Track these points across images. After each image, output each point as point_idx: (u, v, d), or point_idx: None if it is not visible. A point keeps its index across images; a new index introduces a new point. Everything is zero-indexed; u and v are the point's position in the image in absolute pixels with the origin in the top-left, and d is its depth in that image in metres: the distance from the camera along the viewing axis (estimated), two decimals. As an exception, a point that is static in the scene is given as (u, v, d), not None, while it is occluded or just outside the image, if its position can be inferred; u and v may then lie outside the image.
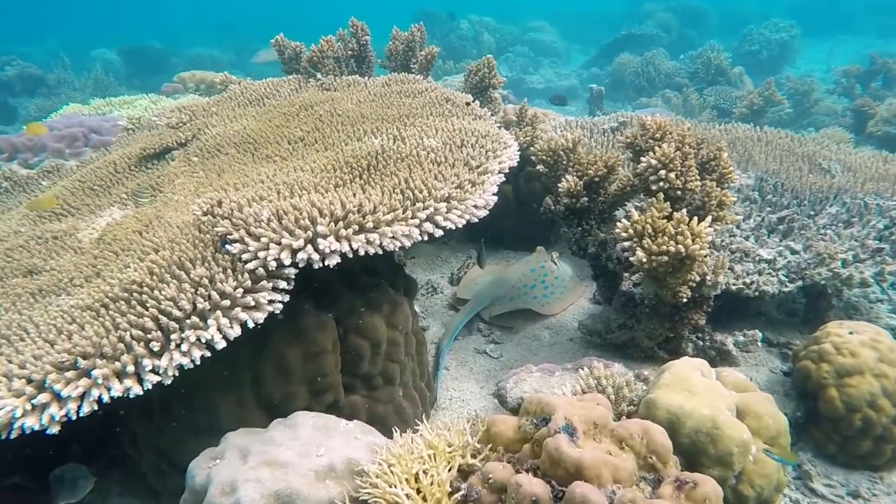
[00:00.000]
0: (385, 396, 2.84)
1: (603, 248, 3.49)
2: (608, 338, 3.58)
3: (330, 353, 2.61)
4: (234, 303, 2.17)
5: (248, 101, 4.58)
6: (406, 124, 3.51)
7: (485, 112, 4.01)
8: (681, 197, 2.98)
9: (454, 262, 5.15)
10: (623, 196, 3.52)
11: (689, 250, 2.57)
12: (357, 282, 2.78)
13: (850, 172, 4.27)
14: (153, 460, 2.59)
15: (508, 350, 3.98)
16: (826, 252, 3.50)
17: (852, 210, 3.94)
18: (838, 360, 3.02)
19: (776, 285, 3.44)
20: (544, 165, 3.68)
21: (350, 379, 2.77)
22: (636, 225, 2.77)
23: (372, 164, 2.93)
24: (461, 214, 2.61)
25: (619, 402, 2.36)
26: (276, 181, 2.88)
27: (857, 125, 8.06)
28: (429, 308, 4.51)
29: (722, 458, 2.10)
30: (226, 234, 2.37)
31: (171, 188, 3.47)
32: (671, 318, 3.16)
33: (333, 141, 3.42)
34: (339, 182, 2.77)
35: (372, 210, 2.42)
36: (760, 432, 2.21)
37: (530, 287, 4.41)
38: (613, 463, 1.68)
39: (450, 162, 2.96)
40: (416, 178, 2.71)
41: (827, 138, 5.39)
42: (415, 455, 1.89)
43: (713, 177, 3.06)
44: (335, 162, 3.02)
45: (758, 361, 3.64)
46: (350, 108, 3.92)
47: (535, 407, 1.93)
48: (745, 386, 2.38)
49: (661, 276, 2.83)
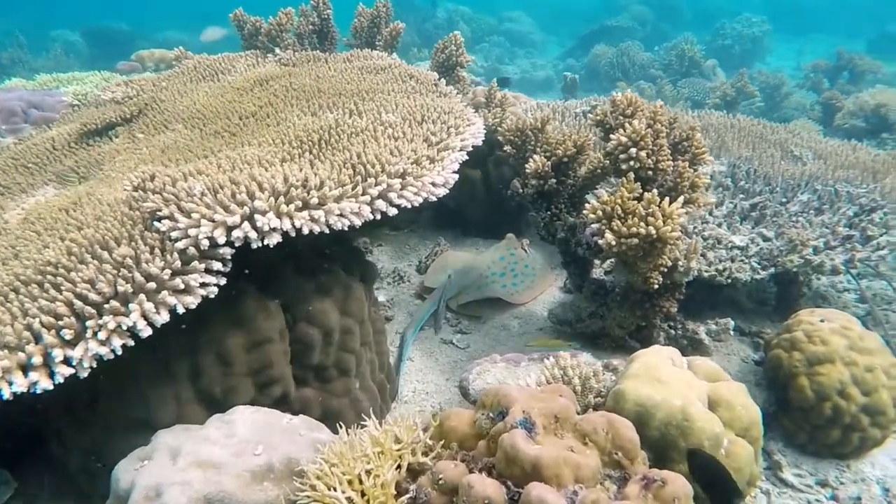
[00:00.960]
0: (340, 389, 2.64)
1: (572, 233, 3.33)
2: (578, 327, 3.43)
3: (277, 342, 2.41)
4: (162, 286, 1.95)
5: (202, 77, 4.32)
6: (364, 99, 3.30)
7: (451, 90, 3.81)
8: (652, 177, 2.84)
9: (422, 249, 4.96)
10: (594, 179, 3.37)
11: (660, 232, 2.42)
12: (307, 265, 2.57)
13: (820, 160, 4.19)
14: (81, 460, 2.36)
15: (476, 340, 3.81)
16: (798, 239, 3.39)
17: (823, 197, 3.85)
18: (809, 349, 2.92)
19: (749, 272, 3.33)
20: (511, 146, 3.51)
21: (301, 370, 2.57)
22: (605, 206, 2.61)
23: (324, 138, 2.72)
24: (417, 192, 2.42)
25: (585, 393, 2.20)
26: (220, 156, 2.65)
27: (826, 118, 8.07)
28: (395, 297, 4.32)
29: (693, 453, 1.96)
30: (155, 211, 2.15)
31: (112, 166, 3.21)
32: (642, 306, 3.02)
33: (286, 116, 3.19)
34: (287, 157, 2.55)
35: (318, 185, 2.22)
36: (733, 423, 2.08)
37: (499, 275, 4.24)
38: (575, 460, 1.52)
39: (408, 137, 2.77)
40: (369, 152, 2.51)
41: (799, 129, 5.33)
42: (358, 453, 1.70)
43: (685, 158, 2.92)
44: (284, 136, 2.80)
45: (730, 350, 3.53)
46: (307, 83, 3.69)
47: (491, 399, 1.75)
48: (717, 375, 2.24)
49: (631, 260, 2.68)
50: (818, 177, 3.91)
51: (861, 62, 9.69)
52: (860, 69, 9.69)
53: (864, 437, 2.72)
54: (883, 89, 7.22)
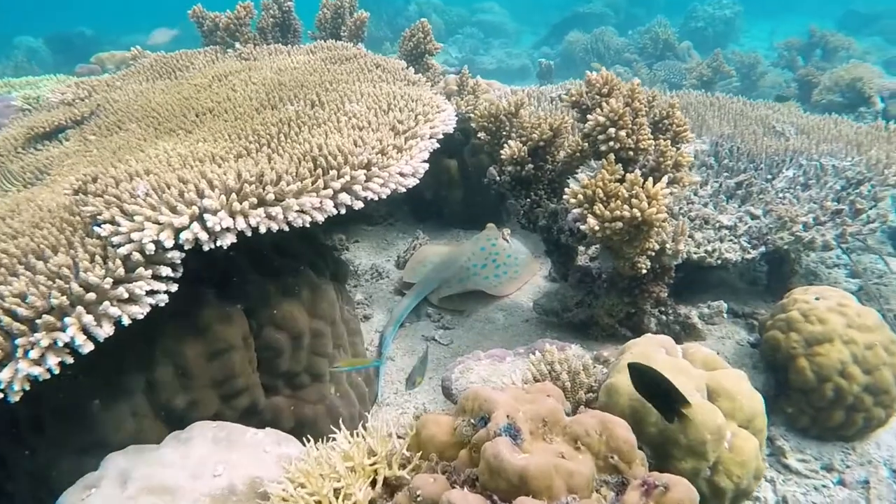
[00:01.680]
0: (313, 395, 2.47)
1: (554, 220, 3.18)
2: (566, 317, 3.28)
3: (240, 349, 2.23)
4: (103, 296, 1.76)
5: (158, 75, 4.10)
6: (328, 90, 3.12)
7: (419, 78, 3.64)
8: (633, 158, 2.69)
9: (401, 244, 4.78)
10: (573, 163, 3.21)
11: (646, 214, 2.28)
12: (271, 266, 2.39)
13: (803, 135, 4.07)
14: (29, 489, 2.16)
15: (459, 335, 3.64)
16: (787, 215, 3.27)
17: (809, 172, 3.73)
18: (807, 329, 2.80)
19: (739, 252, 3.20)
20: (485, 132, 3.34)
21: (270, 378, 2.39)
22: (586, 190, 2.46)
23: (283, 131, 2.54)
24: (384, 183, 2.25)
25: (575, 389, 2.05)
26: (171, 154, 2.46)
27: (803, 95, 8.00)
28: (373, 295, 4.14)
29: (694, 448, 1.81)
30: (96, 215, 1.95)
31: (59, 170, 2.99)
32: (631, 292, 2.88)
33: (245, 110, 3.00)
34: (243, 152, 2.37)
35: (274, 180, 2.04)
36: (735, 414, 1.93)
37: (481, 267, 4.08)
38: (567, 468, 1.36)
39: (373, 127, 2.60)
40: (331, 144, 2.33)
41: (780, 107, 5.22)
42: (327, 470, 1.53)
43: (667, 137, 2.78)
44: (241, 131, 2.62)
45: (723, 334, 3.40)
46: (268, 76, 3.50)
47: (472, 404, 1.59)
48: (714, 363, 2.10)
49: (616, 245, 2.53)
50: (802, 152, 3.80)
51: (833, 38, 9.64)
52: (832, 45, 9.64)
53: (868, 418, 2.61)
54: (857, 63, 7.16)
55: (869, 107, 6.15)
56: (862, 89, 6.23)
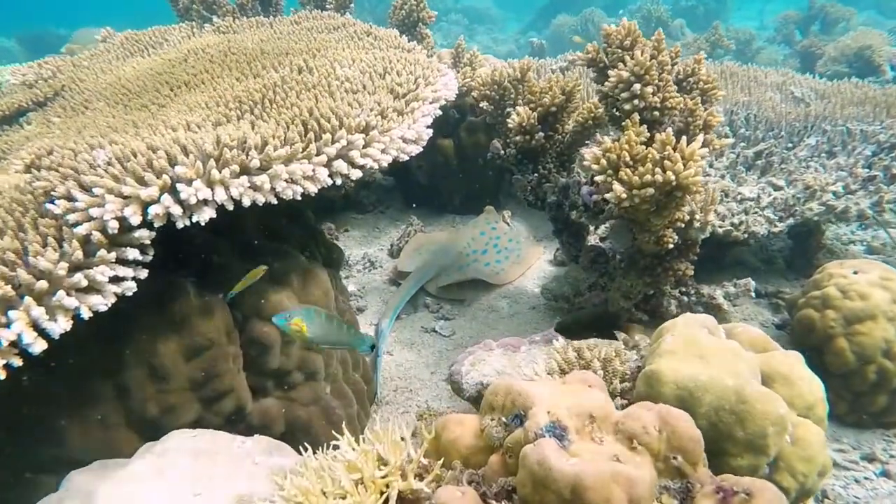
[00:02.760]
0: (307, 396, 2.20)
1: (565, 196, 2.92)
2: (577, 302, 3.03)
3: (224, 345, 1.95)
4: (56, 284, 1.48)
5: (129, 53, 3.78)
6: (315, 56, 2.83)
7: (414, 45, 3.36)
8: (658, 119, 2.43)
9: (394, 231, 4.51)
10: (584, 132, 2.95)
11: (681, 178, 2.02)
12: (256, 249, 2.11)
13: (824, 100, 3.84)
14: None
15: (461, 326, 3.38)
16: (816, 184, 3.03)
17: (833, 139, 3.50)
18: (846, 305, 2.56)
19: (765, 225, 2.96)
20: (488, 102, 3.07)
21: (258, 378, 2.12)
22: (609, 154, 2.20)
23: (268, 96, 2.26)
24: (385, 149, 1.98)
25: (608, 379, 1.80)
26: (139, 126, 2.17)
27: (805, 68, 7.78)
28: (367, 285, 3.86)
29: (753, 443, 1.56)
30: (50, 190, 1.66)
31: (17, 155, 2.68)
32: (653, 272, 2.63)
33: (225, 80, 2.71)
34: (223, 119, 2.08)
35: (259, 145, 1.75)
36: (794, 402, 1.69)
37: (481, 252, 3.82)
38: (627, 476, 1.11)
39: (369, 90, 2.32)
40: (322, 107, 2.05)
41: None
42: (330, 487, 1.26)
43: (693, 96, 2.52)
44: (220, 99, 2.33)
45: (746, 315, 3.17)
46: (249, 46, 3.20)
47: (502, 399, 1.33)
48: (765, 344, 1.86)
49: (642, 217, 2.27)
50: (826, 117, 3.56)
51: (833, 9, 9.36)
52: (832, 17, 9.36)
53: (916, 402, 2.38)
54: (865, 31, 6.92)
55: (878, 76, 5.92)
56: (871, 58, 6.00)
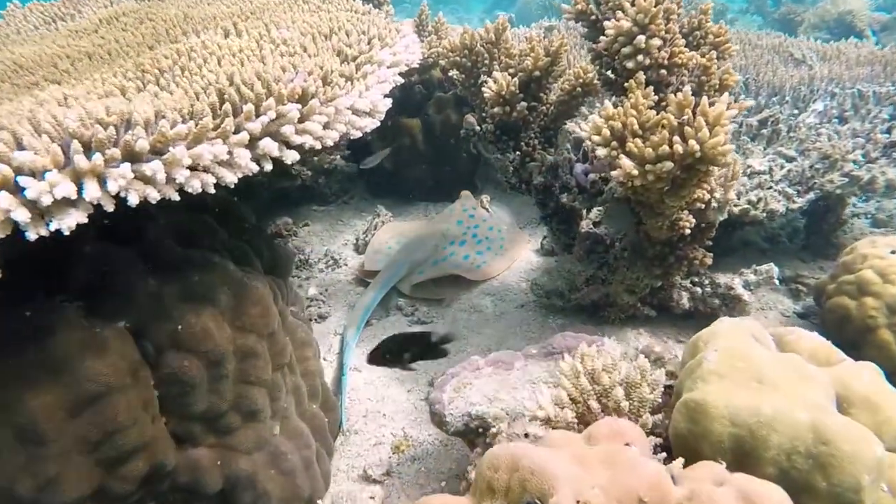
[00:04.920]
0: (248, 441, 1.73)
1: (554, 176, 2.49)
2: (573, 298, 2.62)
3: (126, 389, 1.47)
4: None
5: (34, 27, 3.22)
6: (248, 19, 2.34)
7: (370, 8, 2.87)
8: (664, 80, 2.00)
9: (359, 224, 4.03)
10: (571, 101, 2.52)
11: (707, 147, 1.60)
12: (168, 259, 1.63)
13: (828, 61, 3.47)
14: None
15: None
16: (836, 153, 2.66)
17: (844, 102, 3.13)
18: (888, 292, 2.21)
19: (783, 202, 2.57)
20: (458, 70, 2.61)
21: (182, 423, 1.64)
22: (613, 122, 1.76)
23: (179, 63, 1.77)
24: (329, 123, 1.52)
25: (636, 410, 1.37)
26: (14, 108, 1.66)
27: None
28: (330, 287, 3.38)
29: (842, 497, 1.16)
30: None
31: None
32: (663, 261, 2.22)
33: (134, 49, 2.20)
34: (115, 90, 1.58)
35: (150, 120, 1.27)
36: (882, 431, 1.28)
37: (459, 244, 3.38)
38: None
39: (310, 53, 1.84)
40: (246, 71, 1.57)
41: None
42: None
43: (703, 51, 2.10)
44: (119, 69, 1.83)
45: (763, 304, 2.79)
46: (172, 13, 2.67)
47: (506, 478, 0.89)
48: (828, 354, 1.46)
49: (654, 198, 1.85)
50: (832, 79, 3.19)
51: (805, -24, 9.11)
52: (803, -17, 9.11)
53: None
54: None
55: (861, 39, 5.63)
56: (853, 23, 5.71)
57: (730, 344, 1.37)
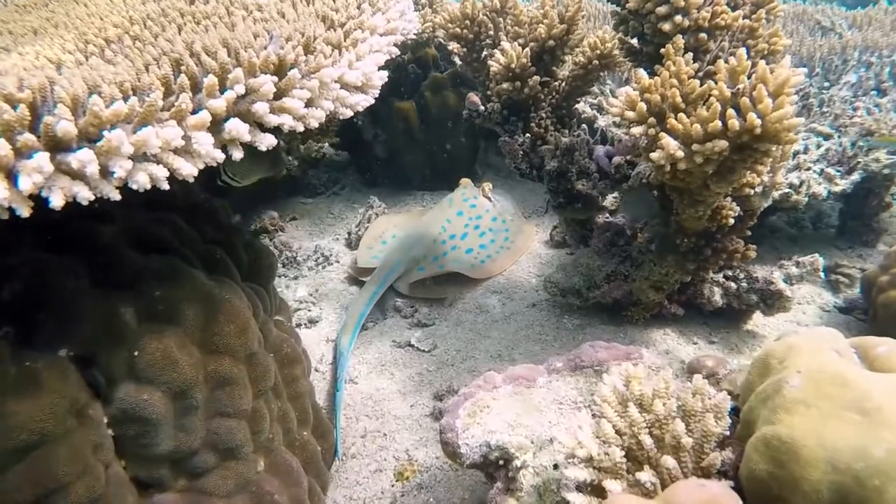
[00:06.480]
0: (227, 482, 1.46)
1: (570, 160, 2.21)
2: (592, 296, 2.35)
3: (69, 432, 1.20)
4: None
5: (-17, 5, 2.89)
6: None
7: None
8: (704, 45, 1.72)
9: (351, 216, 3.75)
10: (587, 76, 2.24)
11: (770, 122, 1.33)
12: (120, 269, 1.34)
13: (859, 28, 3.20)
14: None
15: (444, 335, 2.64)
16: (879, 127, 2.39)
17: (881, 72, 2.86)
18: (954, 284, 1.95)
19: (825, 184, 2.31)
20: (460, 42, 2.32)
21: (144, 466, 1.37)
22: (650, 94, 1.49)
23: (131, 32, 1.47)
24: (313, 100, 1.23)
25: (702, 448, 1.11)
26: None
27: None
28: (321, 287, 3.11)
29: (984, 566, 0.90)
30: None
31: None
32: (698, 254, 1.96)
33: (85, 22, 1.90)
34: (48, 63, 1.29)
35: (80, 97, 0.98)
36: None
37: (460, 237, 3.10)
38: None
39: (288, 18, 1.54)
40: (210, 40, 1.28)
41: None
42: None
43: (748, 11, 1.82)
44: (60, 41, 1.53)
45: (799, 297, 2.54)
46: (134, -17, 2.37)
47: None
48: (929, 370, 1.19)
49: (697, 183, 1.58)
50: (868, 47, 2.92)
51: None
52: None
53: None
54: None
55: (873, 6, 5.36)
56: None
57: (816, 364, 1.11)
